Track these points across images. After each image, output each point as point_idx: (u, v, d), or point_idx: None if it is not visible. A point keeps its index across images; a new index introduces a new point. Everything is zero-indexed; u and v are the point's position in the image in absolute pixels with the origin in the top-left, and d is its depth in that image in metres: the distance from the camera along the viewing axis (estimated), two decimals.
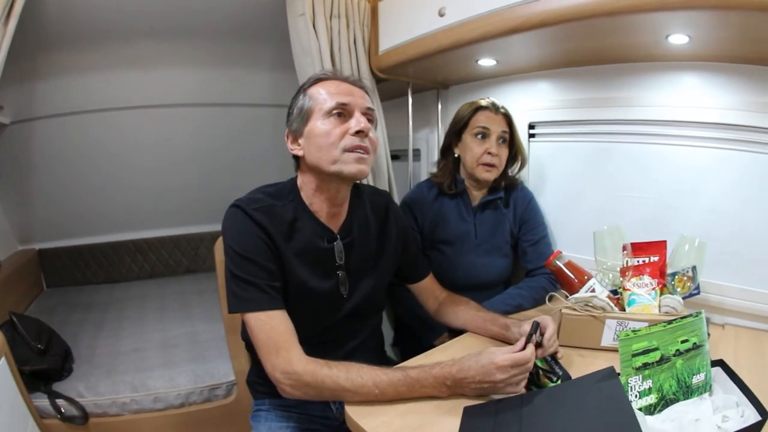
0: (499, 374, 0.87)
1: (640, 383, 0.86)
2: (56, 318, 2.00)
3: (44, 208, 2.39)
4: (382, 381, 0.88)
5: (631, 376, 0.85)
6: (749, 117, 1.21)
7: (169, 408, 1.61)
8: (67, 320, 2.06)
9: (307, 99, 1.00)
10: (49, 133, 2.14)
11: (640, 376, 0.86)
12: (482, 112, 1.43)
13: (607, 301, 1.18)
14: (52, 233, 2.50)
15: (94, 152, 2.28)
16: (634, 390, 0.85)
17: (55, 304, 2.30)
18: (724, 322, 1.32)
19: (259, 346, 0.93)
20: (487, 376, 0.87)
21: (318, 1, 1.54)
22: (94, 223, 2.55)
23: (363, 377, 0.89)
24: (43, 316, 1.85)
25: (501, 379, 0.87)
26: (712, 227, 1.31)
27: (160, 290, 2.55)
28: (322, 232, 1.04)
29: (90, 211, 2.50)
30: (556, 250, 1.33)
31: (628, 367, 0.86)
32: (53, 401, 1.48)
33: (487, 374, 0.87)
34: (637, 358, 0.87)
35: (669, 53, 1.29)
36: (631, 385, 0.85)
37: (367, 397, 0.88)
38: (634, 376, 0.86)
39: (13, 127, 2.07)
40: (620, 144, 1.47)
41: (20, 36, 1.35)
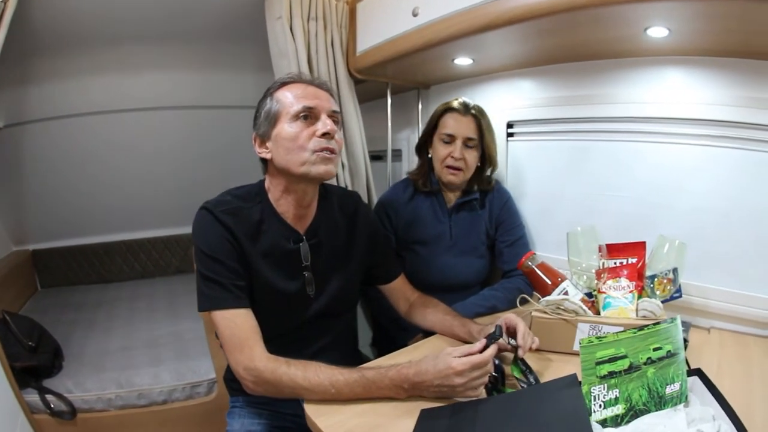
0: (457, 378, 0.81)
1: (606, 392, 0.75)
2: (49, 317, 1.95)
3: (38, 210, 2.35)
4: (339, 381, 0.84)
5: (595, 384, 0.75)
6: (735, 112, 1.09)
7: (153, 404, 1.58)
8: (60, 319, 2.02)
9: (274, 103, 0.97)
10: (41, 137, 2.10)
11: (605, 385, 0.75)
12: (450, 115, 1.35)
13: (580, 304, 1.06)
14: (46, 234, 2.45)
15: (85, 155, 2.24)
16: (599, 399, 0.74)
17: (48, 304, 2.26)
18: (710, 326, 1.18)
19: (225, 343, 0.91)
20: (445, 380, 0.81)
21: (295, 4, 1.47)
22: (86, 224, 2.50)
23: (320, 376, 0.85)
24: (37, 316, 1.81)
25: (459, 383, 0.81)
26: (696, 227, 1.19)
27: (150, 290, 2.49)
28: (289, 233, 1.01)
29: (82, 212, 2.44)
30: (529, 251, 1.21)
31: (592, 375, 0.75)
32: (43, 397, 1.46)
33: (445, 378, 0.81)
34: (602, 366, 0.76)
35: (650, 48, 1.17)
36: (595, 394, 0.74)
37: (323, 396, 0.85)
38: (598, 384, 0.75)
39: (6, 131, 2.04)
40: (600, 142, 1.36)
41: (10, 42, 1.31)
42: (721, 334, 1.13)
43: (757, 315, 1.09)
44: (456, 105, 1.35)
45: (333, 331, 1.10)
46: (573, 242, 1.14)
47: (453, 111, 1.34)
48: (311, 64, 1.53)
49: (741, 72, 1.07)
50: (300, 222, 1.03)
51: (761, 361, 0.98)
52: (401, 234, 1.43)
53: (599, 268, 1.14)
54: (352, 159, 1.65)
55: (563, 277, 1.15)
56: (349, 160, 1.64)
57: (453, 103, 1.36)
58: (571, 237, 1.15)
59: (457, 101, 1.36)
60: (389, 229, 1.43)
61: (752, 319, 1.10)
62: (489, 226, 1.43)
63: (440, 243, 1.40)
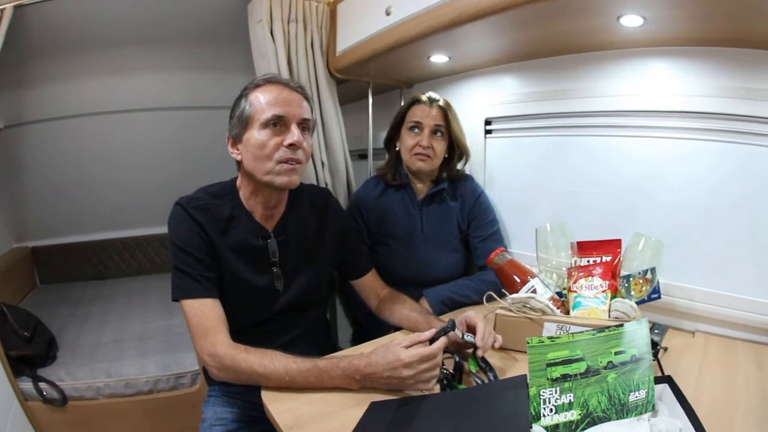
0: (406, 370, 0.76)
1: (558, 396, 0.63)
2: (47, 311, 1.91)
3: (37, 208, 2.32)
4: (292, 369, 0.81)
5: (545, 387, 0.64)
6: (717, 103, 0.96)
7: (139, 394, 1.53)
8: (57, 313, 1.98)
9: (247, 105, 0.93)
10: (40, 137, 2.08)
11: (557, 389, 0.64)
12: (417, 106, 1.28)
13: (547, 303, 0.93)
14: (46, 232, 2.42)
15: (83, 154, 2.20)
16: (549, 403, 0.63)
17: (46, 299, 2.22)
18: (695, 329, 1.03)
19: (191, 330, 0.89)
20: (394, 372, 0.76)
21: (276, 7, 1.41)
22: (84, 222, 2.46)
23: (275, 364, 0.82)
24: (35, 310, 1.77)
25: (408, 375, 0.76)
26: (678, 224, 1.04)
27: (145, 286, 2.43)
28: (257, 230, 0.99)
29: (81, 210, 2.40)
30: (498, 248, 1.08)
31: (542, 377, 0.64)
32: (36, 384, 1.43)
33: (394, 370, 0.76)
34: (554, 368, 0.65)
35: (628, 39, 1.04)
36: (545, 397, 0.63)
37: (278, 383, 0.81)
38: (549, 387, 0.64)
39: (6, 131, 2.02)
40: (579, 137, 1.22)
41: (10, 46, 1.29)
42: (707, 338, 0.98)
43: (746, 318, 0.94)
44: (422, 98, 1.28)
45: (303, 324, 1.06)
46: (542, 239, 1.01)
47: (419, 103, 1.28)
48: (291, 65, 1.46)
49: (722, 61, 0.94)
50: (268, 220, 1.01)
51: (747, 368, 0.83)
52: (373, 229, 1.34)
53: (571, 266, 1.01)
54: (332, 158, 1.57)
55: (533, 274, 1.03)
56: (329, 159, 1.56)
57: (419, 96, 1.29)
58: (540, 233, 1.02)
59: (423, 95, 1.29)
60: (362, 225, 1.34)
61: (740, 322, 0.95)
62: (461, 220, 1.32)
63: (412, 237, 1.30)
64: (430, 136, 1.25)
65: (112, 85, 2.01)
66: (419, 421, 0.67)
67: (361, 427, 0.68)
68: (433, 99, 1.27)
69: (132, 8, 1.60)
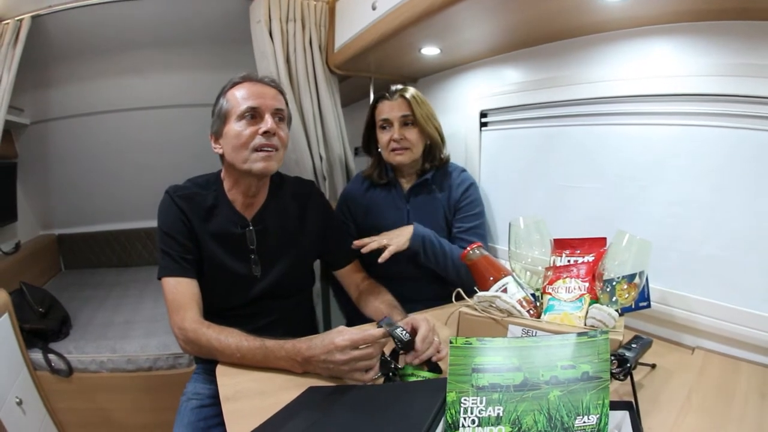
0: (339, 354, 0.72)
1: (483, 407, 0.52)
2: (67, 294, 1.98)
3: (63, 198, 2.38)
4: (243, 346, 0.81)
5: (468, 395, 0.53)
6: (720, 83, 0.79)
7: (140, 370, 1.55)
8: (76, 296, 2.04)
9: (224, 102, 0.96)
10: (64, 132, 2.15)
11: (483, 398, 0.52)
12: (381, 103, 1.21)
13: (514, 304, 0.81)
14: (71, 220, 2.47)
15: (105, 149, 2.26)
16: (471, 413, 0.52)
17: (68, 283, 2.29)
18: (696, 345, 0.85)
19: (167, 306, 0.91)
20: (329, 356, 0.73)
21: (274, 7, 1.40)
22: (108, 212, 2.51)
23: (229, 340, 0.82)
24: (55, 292, 1.85)
25: (342, 359, 0.72)
26: (678, 223, 0.88)
27: None
28: (237, 219, 1.00)
29: (105, 201, 2.46)
30: (473, 242, 0.96)
31: (465, 383, 0.53)
32: (46, 355, 1.48)
33: (329, 354, 0.73)
34: (481, 374, 0.54)
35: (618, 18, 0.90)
36: (467, 406, 0.52)
37: (230, 358, 0.82)
38: (472, 396, 0.53)
39: (33, 127, 2.11)
40: (574, 127, 1.08)
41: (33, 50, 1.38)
42: (707, 357, 0.80)
43: (753, 336, 0.76)
44: (384, 93, 1.21)
45: (282, 311, 1.05)
46: (514, 234, 0.87)
47: (383, 99, 1.20)
48: (289, 63, 1.44)
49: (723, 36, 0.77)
50: (248, 209, 1.02)
51: (748, 396, 0.66)
52: (360, 222, 1.27)
53: (549, 265, 0.87)
54: (330, 151, 1.53)
55: (508, 272, 0.89)
56: (327, 153, 1.52)
57: (381, 93, 1.22)
58: (513, 229, 0.88)
59: (386, 89, 1.22)
60: (349, 219, 1.28)
61: (746, 341, 0.76)
62: (447, 212, 1.22)
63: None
64: (401, 128, 1.16)
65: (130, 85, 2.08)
66: (336, 409, 0.62)
67: (286, 408, 0.66)
68: (395, 90, 1.19)
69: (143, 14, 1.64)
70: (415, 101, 1.17)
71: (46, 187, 2.33)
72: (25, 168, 2.19)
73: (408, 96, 1.17)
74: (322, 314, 1.54)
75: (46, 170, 2.27)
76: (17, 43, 1.37)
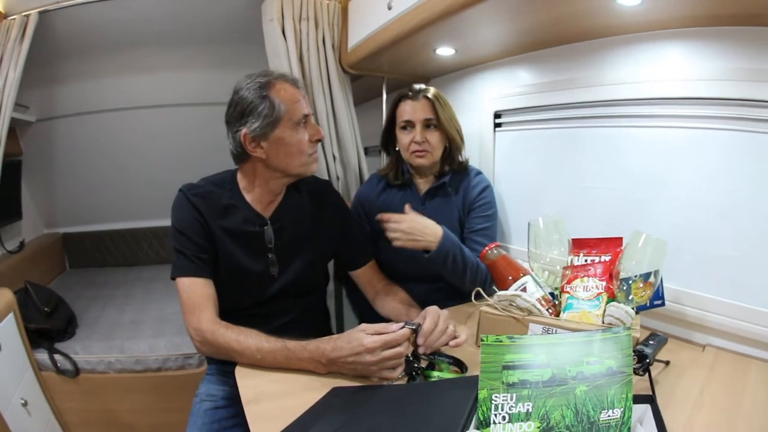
0: (369, 356, 0.74)
1: (513, 404, 0.56)
2: (72, 293, 2.01)
3: (68, 197, 2.41)
4: (264, 348, 0.82)
5: (499, 392, 0.56)
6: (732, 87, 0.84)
7: (148, 371, 1.58)
8: (81, 295, 2.07)
9: (273, 106, 0.93)
10: (70, 130, 2.18)
11: (513, 395, 0.56)
12: (404, 103, 1.22)
13: (534, 302, 0.86)
14: (76, 219, 2.50)
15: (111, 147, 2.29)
16: (502, 410, 0.56)
17: (73, 282, 2.31)
18: (706, 343, 0.91)
19: (182, 306, 0.92)
20: (358, 358, 0.75)
21: (287, 6, 1.43)
22: (114, 210, 2.54)
23: (249, 341, 0.84)
24: (60, 291, 1.87)
25: (371, 360, 0.74)
26: (691, 224, 0.93)
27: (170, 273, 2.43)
28: (254, 218, 1.01)
29: (110, 199, 2.49)
30: (492, 242, 1.01)
31: (496, 380, 0.57)
32: (51, 356, 1.51)
33: (358, 356, 0.75)
34: (511, 371, 0.58)
35: (632, 22, 0.95)
36: (498, 403, 0.56)
37: (250, 360, 0.83)
38: (503, 393, 0.56)
39: (38, 124, 2.13)
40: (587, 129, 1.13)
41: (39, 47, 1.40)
42: (717, 354, 0.86)
43: (763, 334, 0.81)
44: (407, 92, 1.22)
45: (297, 310, 1.07)
46: (533, 234, 0.93)
47: (405, 98, 1.21)
48: (302, 62, 1.48)
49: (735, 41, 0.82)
50: (266, 208, 1.03)
51: (757, 392, 0.72)
52: (375, 223, 1.29)
53: (567, 264, 0.92)
54: (344, 152, 1.57)
55: (526, 272, 0.95)
56: (340, 153, 1.56)
57: (403, 92, 1.24)
58: (532, 228, 0.93)
59: (408, 88, 1.23)
60: (364, 220, 1.31)
61: (755, 338, 0.82)
62: (462, 213, 1.25)
63: None
64: (423, 130, 1.19)
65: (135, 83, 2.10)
66: (365, 409, 0.64)
67: (313, 409, 0.67)
68: (419, 90, 1.21)
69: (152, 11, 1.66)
70: (438, 103, 1.19)
71: (51, 185, 2.35)
72: (30, 166, 2.21)
73: (431, 97, 1.19)
74: (335, 314, 1.59)
75: (50, 168, 2.30)
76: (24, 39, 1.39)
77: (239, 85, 0.96)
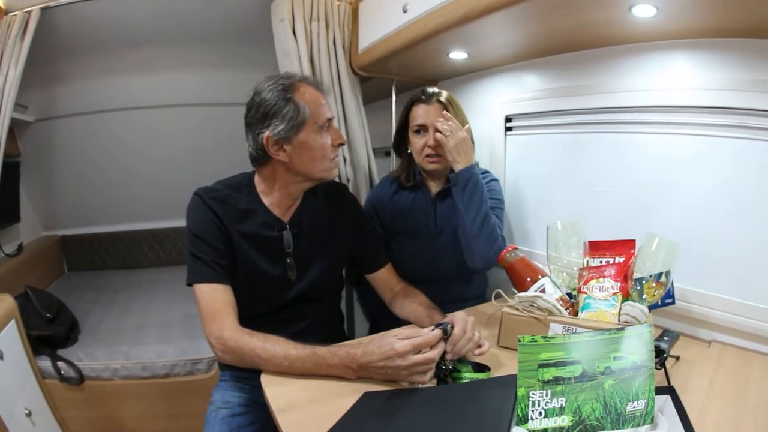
0: (400, 360, 0.76)
1: (548, 399, 0.61)
2: (72, 297, 1.99)
3: (67, 198, 2.39)
4: (292, 355, 0.83)
5: (536, 389, 0.62)
6: (738, 97, 0.90)
7: (155, 377, 1.58)
8: (82, 299, 2.05)
9: (298, 109, 0.93)
10: (69, 131, 2.16)
11: (548, 392, 0.62)
12: (417, 106, 1.25)
13: (554, 303, 0.92)
14: (75, 221, 2.48)
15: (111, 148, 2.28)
16: (539, 406, 0.61)
17: (73, 285, 2.29)
18: (712, 339, 0.98)
19: (201, 313, 0.92)
20: (389, 362, 0.77)
21: (298, 6, 1.45)
22: (113, 212, 2.53)
23: (276, 348, 0.84)
24: (61, 295, 1.86)
25: (403, 365, 0.76)
26: (697, 226, 1.00)
27: (171, 276, 2.46)
28: (273, 222, 1.01)
29: (109, 201, 2.48)
30: (509, 245, 1.07)
31: (532, 378, 0.62)
32: (54, 363, 1.50)
33: (389, 360, 0.77)
34: (546, 369, 0.63)
35: (645, 32, 1.01)
36: (535, 399, 0.61)
37: (278, 367, 0.83)
38: (539, 390, 0.62)
39: (37, 124, 2.11)
40: (599, 134, 1.19)
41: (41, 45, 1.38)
42: (722, 349, 0.93)
43: (765, 330, 0.88)
44: (420, 95, 1.25)
45: (315, 315, 1.08)
46: (552, 237, 0.99)
47: (419, 102, 1.24)
48: (313, 63, 1.50)
49: (744, 53, 0.89)
50: (285, 212, 1.03)
51: (761, 385, 0.79)
52: (388, 226, 1.34)
53: (583, 266, 0.98)
54: (354, 154, 1.60)
55: (543, 273, 1.01)
56: (351, 155, 1.59)
57: (416, 95, 1.26)
58: (551, 231, 0.99)
59: (421, 91, 1.26)
60: (377, 222, 1.35)
61: (759, 333, 0.89)
62: None
63: (425, 232, 1.30)
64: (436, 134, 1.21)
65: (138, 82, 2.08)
66: (405, 413, 0.67)
67: (349, 415, 0.69)
68: (432, 94, 1.24)
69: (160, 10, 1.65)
70: (451, 107, 1.23)
71: (50, 187, 2.32)
72: (28, 167, 2.18)
73: (444, 100, 1.22)
74: (346, 317, 1.63)
75: (49, 169, 2.27)
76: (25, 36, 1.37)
77: (260, 87, 0.95)
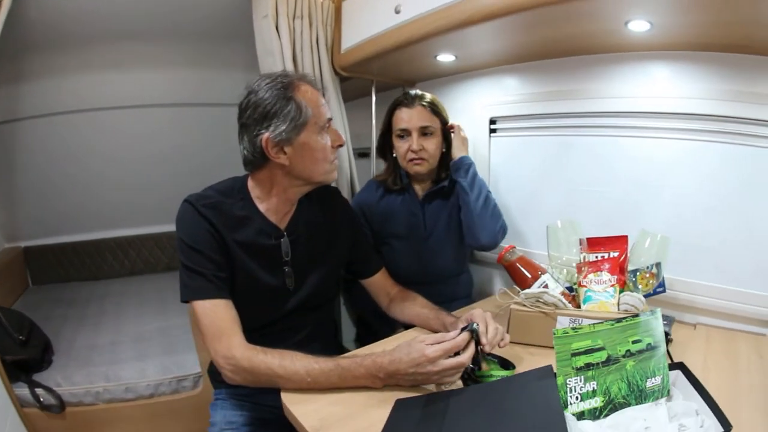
0: (431, 366, 0.77)
1: (582, 384, 0.68)
2: (40, 313, 1.87)
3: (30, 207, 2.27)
4: (314, 370, 0.81)
5: (571, 376, 0.68)
6: (719, 106, 1.02)
7: (140, 398, 1.51)
8: (50, 315, 1.94)
9: (300, 108, 0.90)
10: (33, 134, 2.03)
11: (582, 377, 0.68)
12: (399, 110, 1.28)
13: (560, 297, 0.99)
14: (38, 231, 2.37)
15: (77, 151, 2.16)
16: (575, 392, 0.67)
17: (39, 300, 2.17)
18: (696, 322, 1.10)
19: (204, 332, 0.87)
20: (419, 368, 0.77)
21: (281, 2, 1.42)
22: (78, 221, 2.42)
23: (296, 365, 0.81)
24: (28, 312, 1.73)
25: (434, 371, 0.77)
26: (680, 222, 1.11)
27: (139, 287, 2.40)
28: (269, 229, 0.98)
29: (74, 209, 2.37)
30: (508, 245, 1.13)
31: (567, 366, 0.68)
32: (33, 390, 1.39)
33: (419, 366, 0.77)
34: (578, 357, 0.70)
35: (635, 43, 1.10)
36: (571, 386, 0.68)
37: (299, 384, 0.81)
38: (574, 376, 0.68)
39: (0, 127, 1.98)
40: (583, 137, 1.28)
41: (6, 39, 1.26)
42: (708, 330, 1.05)
43: (745, 310, 1.01)
44: (402, 99, 1.29)
45: (313, 323, 1.07)
46: (553, 236, 1.07)
47: (401, 106, 1.28)
48: (296, 62, 1.48)
49: (724, 66, 1.00)
50: (282, 218, 1.00)
51: (749, 358, 0.90)
52: (376, 230, 1.36)
53: (580, 262, 1.07)
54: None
55: (543, 270, 1.08)
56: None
57: (399, 99, 1.29)
58: (551, 230, 1.07)
59: (403, 95, 1.29)
60: (366, 226, 1.36)
61: (739, 314, 1.02)
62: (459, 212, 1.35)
63: (415, 235, 1.34)
64: (419, 138, 1.25)
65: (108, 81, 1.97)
66: (451, 416, 0.69)
67: (391, 425, 0.69)
68: (414, 96, 1.27)
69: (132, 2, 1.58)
70: (435, 109, 1.27)
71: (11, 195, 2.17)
72: None
73: (426, 104, 1.25)
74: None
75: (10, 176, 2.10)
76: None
77: (256, 86, 0.90)
